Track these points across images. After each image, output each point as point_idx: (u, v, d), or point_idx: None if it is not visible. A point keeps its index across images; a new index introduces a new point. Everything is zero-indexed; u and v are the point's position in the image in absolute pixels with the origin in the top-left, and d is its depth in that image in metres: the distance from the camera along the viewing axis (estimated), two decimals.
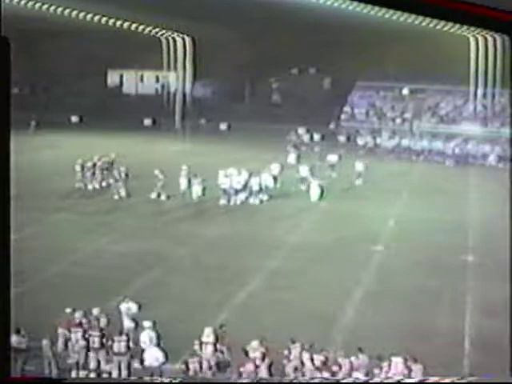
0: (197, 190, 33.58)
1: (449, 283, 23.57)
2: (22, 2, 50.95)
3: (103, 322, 17.03)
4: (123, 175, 35.16)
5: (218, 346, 16.52)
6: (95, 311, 17.31)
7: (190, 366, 15.88)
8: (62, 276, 23.15)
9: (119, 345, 16.29)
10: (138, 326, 17.19)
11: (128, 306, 18.00)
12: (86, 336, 16.65)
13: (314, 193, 35.14)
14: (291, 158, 44.72)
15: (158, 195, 34.57)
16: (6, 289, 8.42)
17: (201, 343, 16.47)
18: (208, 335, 16.60)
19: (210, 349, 16.46)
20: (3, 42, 7.46)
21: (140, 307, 18.08)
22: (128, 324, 17.50)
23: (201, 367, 16.00)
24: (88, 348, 16.53)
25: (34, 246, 25.44)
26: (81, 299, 19.53)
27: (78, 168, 36.07)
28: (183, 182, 34.64)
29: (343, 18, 49.07)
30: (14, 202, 11.07)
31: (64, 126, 60.10)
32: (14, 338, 15.29)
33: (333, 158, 43.21)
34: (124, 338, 16.40)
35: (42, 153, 46.77)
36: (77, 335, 16.69)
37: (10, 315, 7.72)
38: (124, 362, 16.23)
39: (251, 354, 15.98)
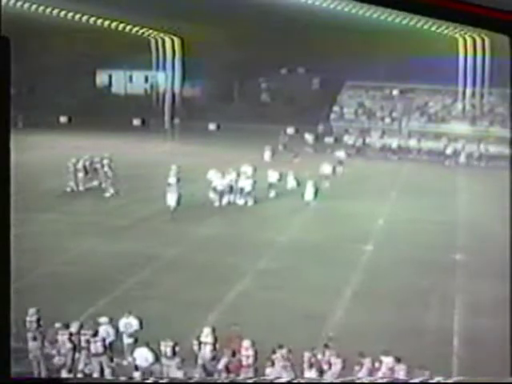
0: (172, 197, 31.75)
1: (438, 281, 23.62)
2: (11, 3, 50.81)
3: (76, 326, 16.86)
4: (109, 173, 35.61)
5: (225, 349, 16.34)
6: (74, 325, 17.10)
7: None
8: (52, 276, 23.06)
9: (95, 345, 16.24)
10: (137, 343, 16.80)
11: (128, 322, 17.19)
12: (73, 338, 16.63)
13: (309, 192, 34.99)
14: (267, 156, 44.94)
15: (112, 194, 34.96)
16: (6, 289, 8.39)
17: (199, 343, 16.42)
18: (207, 335, 16.53)
19: (208, 349, 16.42)
20: (3, 42, 7.39)
21: (141, 323, 17.28)
22: (127, 340, 16.99)
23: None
24: (79, 350, 16.54)
25: (23, 247, 25.27)
26: (71, 299, 19.50)
27: (67, 168, 35.99)
28: (172, 182, 34.60)
29: (332, 18, 49.14)
30: None
31: (52, 126, 59.89)
32: None
33: (341, 154, 43.86)
34: (99, 338, 16.34)
35: (30, 153, 46.51)
36: (63, 337, 16.65)
37: (10, 316, 7.68)
38: (104, 361, 16.19)
39: (243, 353, 15.97)
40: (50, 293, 21.03)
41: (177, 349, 15.96)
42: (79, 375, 16.06)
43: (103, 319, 16.95)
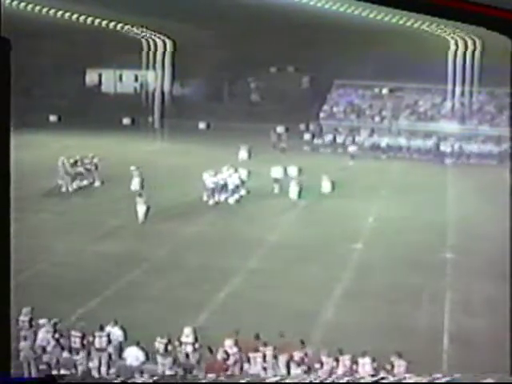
0: (141, 209, 30.53)
1: (428, 280, 23.70)
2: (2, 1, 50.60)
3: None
4: (93, 168, 36.20)
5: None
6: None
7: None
8: (41, 276, 23.01)
9: (100, 340, 16.28)
10: (121, 354, 16.77)
11: (112, 331, 16.88)
12: (57, 336, 16.63)
13: (293, 191, 35.08)
14: (242, 154, 44.99)
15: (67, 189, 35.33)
16: (6, 289, 8.33)
17: (180, 343, 16.45)
18: (187, 335, 16.57)
19: (189, 349, 16.45)
20: (3, 43, 7.40)
21: (125, 333, 17.05)
22: (111, 348, 16.77)
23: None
24: (69, 348, 16.54)
25: (13, 247, 25.20)
26: (61, 299, 19.47)
27: (57, 168, 35.92)
28: (135, 183, 34.63)
29: (321, 17, 49.20)
30: None
31: (42, 125, 59.66)
32: None
33: (353, 148, 47.86)
34: (105, 333, 16.38)
35: (19, 153, 46.27)
36: (47, 335, 16.64)
37: (10, 316, 7.69)
38: (104, 357, 16.24)
39: (229, 351, 16.03)
40: (40, 293, 21.00)
41: (169, 348, 16.05)
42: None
43: (42, 321, 16.96)
